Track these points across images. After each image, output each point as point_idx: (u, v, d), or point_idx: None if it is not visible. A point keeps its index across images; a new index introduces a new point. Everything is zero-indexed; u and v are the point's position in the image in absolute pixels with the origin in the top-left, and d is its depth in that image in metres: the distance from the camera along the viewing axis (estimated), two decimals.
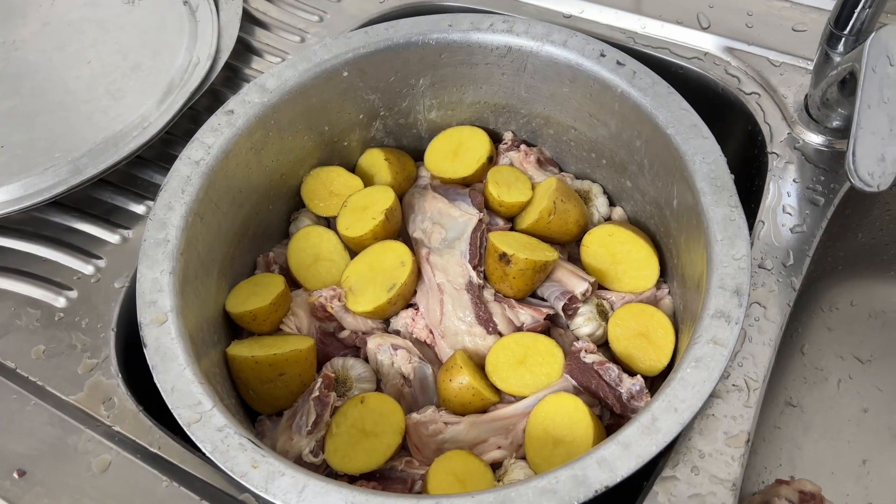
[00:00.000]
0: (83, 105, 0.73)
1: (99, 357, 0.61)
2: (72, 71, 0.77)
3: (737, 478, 0.51)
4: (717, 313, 0.55)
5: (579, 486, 0.48)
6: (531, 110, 0.79)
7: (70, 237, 0.70)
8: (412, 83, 0.77)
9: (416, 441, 0.65)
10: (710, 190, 0.60)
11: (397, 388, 0.69)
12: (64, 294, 0.66)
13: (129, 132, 0.71)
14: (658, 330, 0.66)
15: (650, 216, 0.73)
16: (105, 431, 0.58)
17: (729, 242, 0.58)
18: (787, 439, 0.73)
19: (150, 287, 0.59)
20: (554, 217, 0.71)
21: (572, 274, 0.70)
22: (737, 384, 0.54)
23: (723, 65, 0.74)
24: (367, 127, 0.79)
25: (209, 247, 0.66)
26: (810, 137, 0.68)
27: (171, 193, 0.64)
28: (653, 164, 0.69)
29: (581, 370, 0.64)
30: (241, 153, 0.68)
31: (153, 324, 0.57)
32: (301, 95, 0.71)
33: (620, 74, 0.68)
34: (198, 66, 0.76)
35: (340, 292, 0.70)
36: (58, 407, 0.59)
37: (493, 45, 0.73)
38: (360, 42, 0.73)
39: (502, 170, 0.77)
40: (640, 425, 0.51)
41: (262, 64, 0.82)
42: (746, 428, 0.52)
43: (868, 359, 0.77)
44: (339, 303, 0.70)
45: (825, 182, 0.65)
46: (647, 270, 0.70)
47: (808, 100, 0.69)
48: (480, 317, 0.69)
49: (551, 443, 0.62)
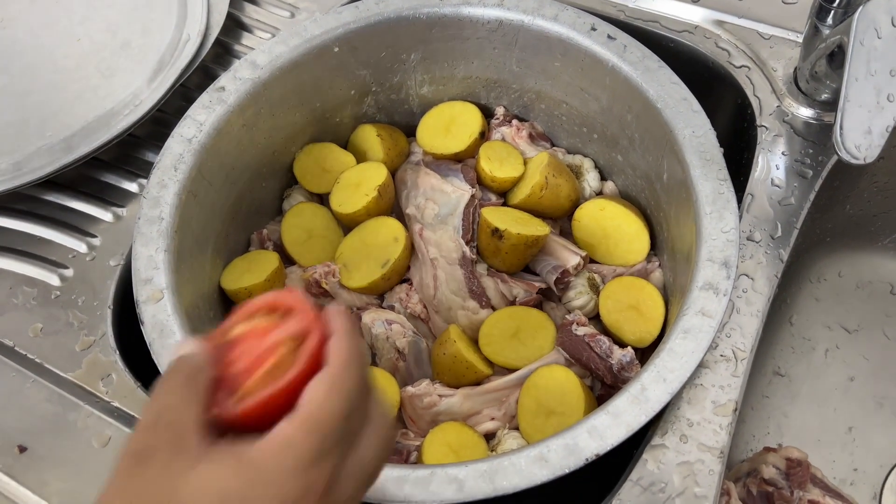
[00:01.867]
0: (74, 84, 0.73)
1: (96, 334, 0.62)
2: (61, 49, 0.76)
3: (724, 445, 0.52)
4: (706, 285, 0.56)
5: (570, 455, 0.49)
6: (523, 85, 0.79)
7: (64, 216, 0.70)
8: (403, 58, 0.77)
9: (412, 413, 0.66)
10: (700, 163, 0.61)
11: (392, 363, 0.70)
12: (60, 272, 0.66)
13: (121, 110, 0.71)
14: (648, 302, 0.66)
15: (641, 190, 0.74)
16: (104, 407, 0.58)
17: (718, 215, 0.59)
18: (774, 408, 0.74)
19: (146, 265, 0.59)
20: (546, 192, 0.72)
21: (564, 248, 0.71)
22: (725, 354, 0.55)
23: (713, 38, 0.74)
24: (358, 103, 0.79)
25: (203, 224, 0.66)
26: (799, 110, 0.69)
27: (163, 171, 0.64)
28: (643, 138, 0.69)
29: (572, 342, 0.65)
30: (234, 130, 0.69)
31: (149, 301, 0.58)
32: (292, 72, 0.71)
33: (611, 48, 0.69)
34: (188, 43, 0.76)
35: (335, 268, 0.71)
36: (57, 384, 0.59)
37: (484, 19, 0.73)
38: (351, 17, 0.73)
39: (494, 145, 0.77)
40: (630, 395, 0.52)
41: (253, 40, 0.82)
42: (734, 397, 0.53)
43: (855, 329, 0.78)
44: (334, 279, 0.71)
45: (813, 155, 0.66)
46: (638, 244, 0.70)
47: (798, 73, 0.69)
48: (474, 291, 0.70)
49: (544, 413, 0.63)
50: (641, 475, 0.51)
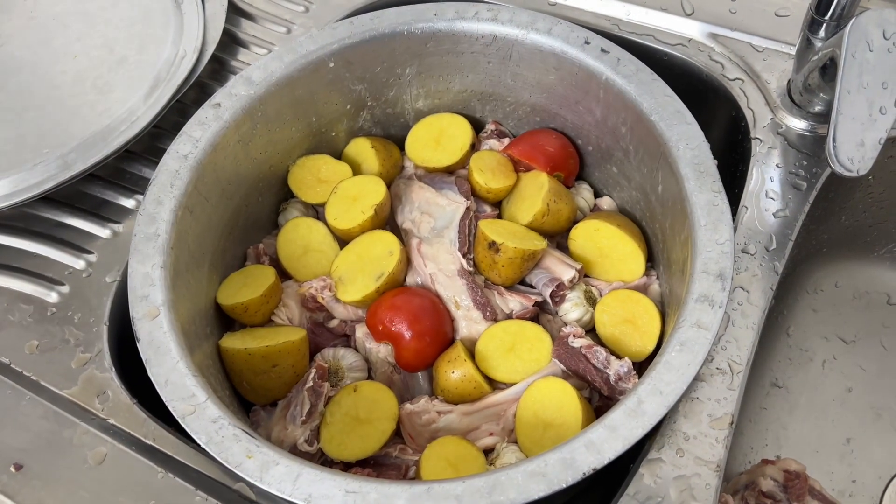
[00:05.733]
0: (70, 100, 0.73)
1: (92, 351, 0.62)
2: (58, 66, 0.77)
3: (721, 459, 0.52)
4: (701, 297, 0.56)
5: (567, 469, 0.49)
6: (517, 98, 0.79)
7: (60, 232, 0.70)
8: (398, 73, 0.77)
9: (410, 430, 0.66)
10: (694, 175, 0.61)
11: (387, 376, 0.69)
12: (56, 289, 0.66)
13: (117, 126, 0.71)
14: (644, 316, 0.66)
15: (636, 202, 0.74)
16: (100, 424, 0.58)
17: (712, 227, 0.59)
18: (772, 419, 0.74)
19: (142, 281, 0.59)
20: (547, 218, 0.72)
21: (560, 261, 0.71)
22: (720, 367, 0.55)
23: (707, 51, 0.75)
24: (354, 117, 0.80)
25: (199, 240, 0.66)
26: (793, 122, 0.69)
27: (159, 188, 0.64)
28: (638, 151, 0.70)
29: (569, 354, 0.65)
30: (229, 146, 0.69)
31: (146, 318, 0.57)
32: (287, 87, 0.72)
33: (605, 62, 0.69)
34: (184, 59, 0.76)
35: (330, 283, 0.71)
36: (52, 401, 0.59)
37: (479, 33, 0.74)
38: (346, 32, 0.73)
39: (483, 156, 0.77)
40: (627, 409, 0.52)
41: (249, 56, 0.82)
42: (730, 410, 0.53)
43: (852, 339, 0.78)
44: (330, 293, 0.71)
45: (807, 167, 0.66)
46: (634, 264, 0.70)
47: (791, 85, 0.69)
48: (478, 301, 0.69)
49: (541, 426, 0.63)
50: (638, 489, 0.51)
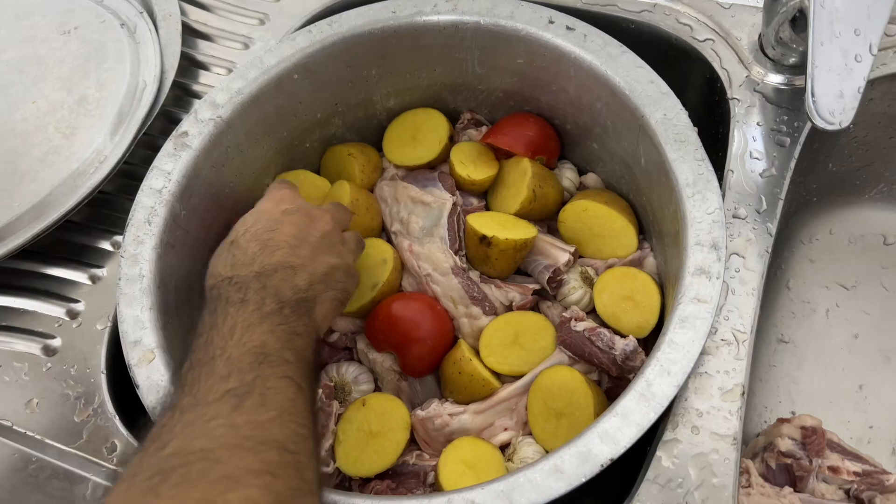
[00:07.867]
0: (35, 148, 0.72)
1: (93, 402, 0.61)
2: (18, 113, 0.75)
3: (736, 431, 0.51)
4: (698, 270, 0.55)
5: (585, 463, 0.49)
6: (489, 85, 0.78)
7: (44, 284, 0.68)
8: (364, 75, 0.76)
9: (425, 436, 0.65)
10: (675, 146, 0.60)
11: (395, 384, 0.69)
12: (47, 343, 0.65)
13: (86, 169, 0.69)
14: (643, 291, 0.66)
15: (621, 176, 0.73)
16: (110, 475, 0.57)
17: (700, 197, 0.58)
18: (782, 376, 0.74)
19: (133, 326, 0.58)
20: (535, 204, 0.71)
21: (553, 246, 0.70)
22: (725, 338, 0.55)
23: (673, 14, 0.73)
24: (325, 125, 0.78)
25: (185, 274, 0.65)
26: (769, 77, 0.68)
27: (137, 227, 0.63)
28: (616, 126, 0.68)
29: (573, 340, 0.64)
30: (203, 174, 0.67)
31: (142, 363, 0.57)
32: (254, 105, 0.70)
33: (571, 39, 0.67)
34: (145, 90, 0.74)
35: None
36: (60, 458, 0.59)
37: (440, 25, 0.72)
38: (306, 42, 0.71)
39: (463, 147, 0.76)
40: (636, 393, 0.51)
41: (211, 77, 0.80)
42: (740, 381, 0.53)
43: (853, 285, 0.77)
44: None
45: (788, 122, 0.65)
46: (626, 239, 0.69)
47: (763, 40, 0.68)
48: (475, 297, 0.69)
49: (554, 416, 0.62)
50: (658, 472, 0.51)
